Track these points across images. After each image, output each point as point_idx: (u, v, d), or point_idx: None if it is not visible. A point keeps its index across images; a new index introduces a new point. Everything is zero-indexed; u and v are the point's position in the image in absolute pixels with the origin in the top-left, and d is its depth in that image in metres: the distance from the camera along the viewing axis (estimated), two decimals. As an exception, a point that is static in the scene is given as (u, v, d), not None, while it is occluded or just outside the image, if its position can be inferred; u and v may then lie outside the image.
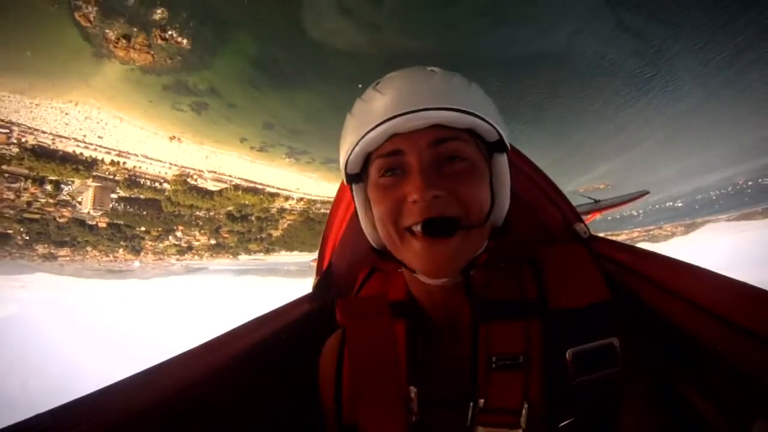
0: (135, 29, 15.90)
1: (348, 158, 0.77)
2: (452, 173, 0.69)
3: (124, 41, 16.17)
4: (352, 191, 0.84)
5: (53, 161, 25.63)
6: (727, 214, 48.30)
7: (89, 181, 27.58)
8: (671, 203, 45.85)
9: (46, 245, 32.88)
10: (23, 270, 41.76)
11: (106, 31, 15.92)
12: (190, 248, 35.38)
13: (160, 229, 32.09)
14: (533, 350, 0.69)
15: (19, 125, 23.60)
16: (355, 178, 0.81)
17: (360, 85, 0.81)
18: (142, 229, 32.33)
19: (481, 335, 0.73)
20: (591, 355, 0.66)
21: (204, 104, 19.25)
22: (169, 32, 15.78)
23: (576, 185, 31.66)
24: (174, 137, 22.46)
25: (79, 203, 29.73)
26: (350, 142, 0.75)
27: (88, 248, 34.48)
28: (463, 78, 0.76)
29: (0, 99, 21.75)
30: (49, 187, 28.01)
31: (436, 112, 0.68)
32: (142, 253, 35.74)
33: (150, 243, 34.14)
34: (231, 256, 36.67)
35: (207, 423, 0.73)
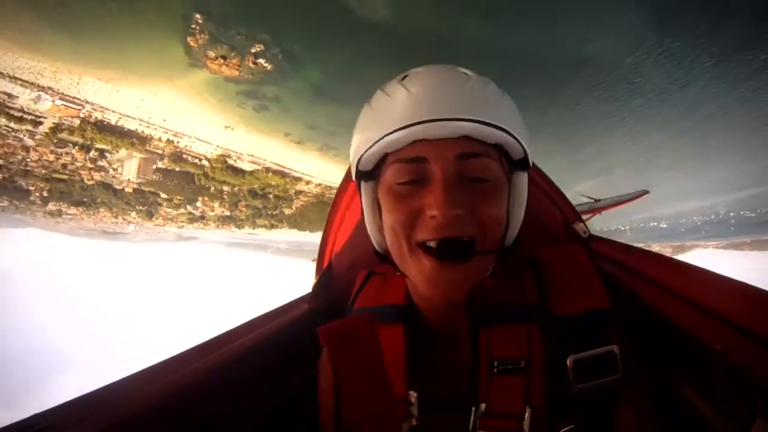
0: (233, 53, 22.04)
1: (362, 155, 0.73)
2: (476, 192, 0.67)
3: (221, 60, 22.21)
4: (359, 188, 0.79)
5: (113, 135, 30.42)
6: (715, 241, 49.58)
7: (135, 153, 32.32)
8: (655, 223, 48.33)
9: (58, 203, 36.62)
10: (17, 224, 44.62)
11: (209, 51, 21.88)
12: (202, 217, 39.93)
13: (181, 198, 36.96)
14: (535, 355, 0.69)
15: (92, 104, 28.32)
16: (366, 175, 0.77)
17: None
18: (164, 196, 36.98)
19: (482, 340, 0.73)
20: (592, 363, 0.67)
21: (265, 106, 25.50)
22: (260, 60, 21.98)
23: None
24: (228, 126, 28.33)
25: (114, 170, 34.39)
26: (367, 139, 0.71)
27: (102, 209, 38.40)
28: (496, 87, 0.73)
29: (84, 83, 26.44)
30: (93, 154, 32.57)
31: (469, 124, 0.64)
32: (154, 218, 39.78)
33: (166, 210, 38.69)
34: (237, 228, 41.34)
35: (206, 423, 0.76)
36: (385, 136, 0.66)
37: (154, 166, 33.29)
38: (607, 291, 0.75)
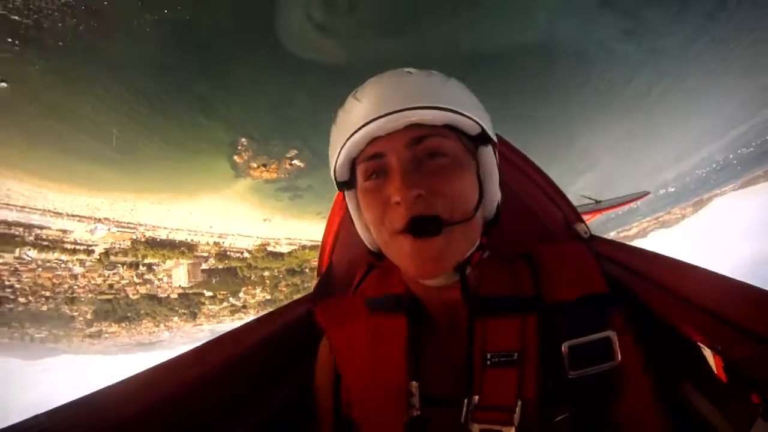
0: (272, 160, 27.07)
1: (335, 167, 0.84)
2: (434, 170, 0.74)
3: (262, 167, 27.20)
4: (344, 198, 0.90)
5: (163, 248, 33.77)
6: (729, 185, 48.94)
7: (182, 260, 35.23)
8: (664, 190, 46.09)
9: (100, 323, 38.06)
10: (51, 353, 44.02)
11: (252, 163, 26.90)
12: (244, 306, 40.97)
13: (225, 292, 39.06)
14: (529, 346, 0.73)
15: (145, 225, 32.00)
16: (346, 184, 0.87)
17: None
18: (209, 294, 38.89)
19: (477, 332, 0.77)
20: (587, 349, 0.70)
21: (299, 195, 30.06)
22: (294, 161, 26.99)
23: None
24: (267, 219, 32.57)
25: (160, 280, 36.65)
26: (335, 152, 0.82)
27: (144, 320, 39.62)
28: (440, 75, 0.80)
29: (138, 208, 30.32)
30: (141, 269, 35.10)
31: (411, 112, 0.72)
32: (197, 318, 40.93)
33: (208, 308, 40.18)
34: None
35: (207, 423, 0.80)
36: (345, 142, 0.78)
37: (201, 268, 36.41)
38: (605, 279, 0.79)
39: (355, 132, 0.76)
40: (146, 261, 34.89)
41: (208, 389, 0.82)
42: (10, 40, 19.58)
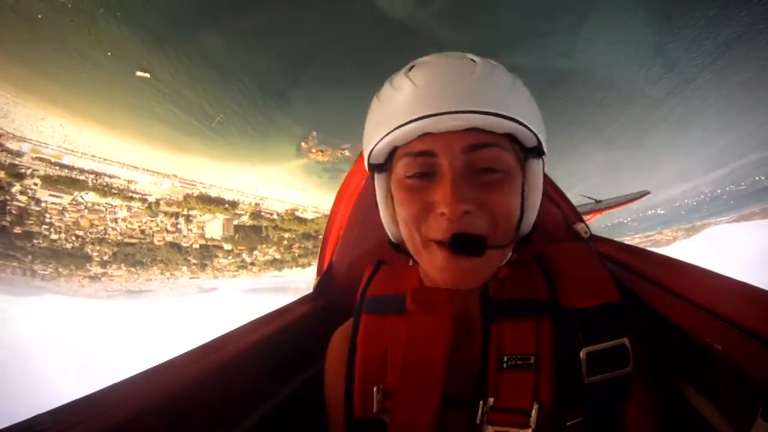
0: (328, 149, 36.61)
1: (372, 150, 0.82)
2: (486, 183, 0.74)
3: (319, 152, 36.64)
4: (373, 180, 0.89)
5: (211, 204, 36.93)
6: (723, 216, 49.81)
7: (219, 214, 39.63)
8: (652, 211, 47.93)
9: (112, 266, 38.39)
10: (33, 292, 43.47)
11: (312, 150, 36.52)
12: (252, 263, 43.67)
13: (243, 247, 42.77)
14: (544, 350, 0.78)
15: (203, 183, 38.03)
16: (378, 167, 0.87)
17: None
18: (228, 248, 40.81)
19: (493, 334, 0.81)
20: (604, 356, 0.75)
21: (337, 175, 37.64)
22: (345, 152, 36.49)
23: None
24: (303, 188, 40.30)
25: (189, 230, 39.84)
26: (377, 134, 0.79)
27: (154, 267, 40.44)
28: (506, 73, 0.78)
29: (206, 168, 36.45)
30: (181, 220, 39.23)
31: (476, 116, 0.70)
32: (205, 270, 43.90)
33: (220, 260, 41.84)
34: (277, 271, 46.80)
35: (207, 423, 0.84)
36: (393, 130, 0.75)
37: (234, 223, 40.76)
38: (616, 286, 0.82)
39: (408, 123, 0.73)
40: (188, 213, 39.27)
41: (209, 389, 0.87)
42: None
